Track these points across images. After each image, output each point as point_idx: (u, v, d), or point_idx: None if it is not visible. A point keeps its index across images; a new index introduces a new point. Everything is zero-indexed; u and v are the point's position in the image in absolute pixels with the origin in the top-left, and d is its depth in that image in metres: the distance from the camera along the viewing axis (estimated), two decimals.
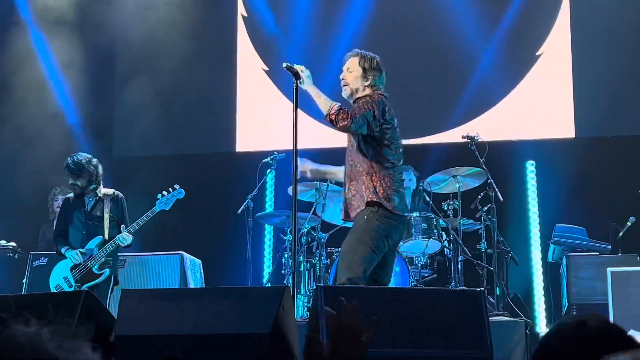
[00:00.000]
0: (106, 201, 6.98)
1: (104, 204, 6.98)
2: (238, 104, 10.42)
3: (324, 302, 4.01)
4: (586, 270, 7.80)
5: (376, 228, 5.26)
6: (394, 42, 10.17)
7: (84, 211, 6.99)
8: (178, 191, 7.10)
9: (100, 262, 6.79)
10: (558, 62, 9.78)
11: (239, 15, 10.57)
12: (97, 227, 6.92)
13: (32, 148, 9.58)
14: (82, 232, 6.93)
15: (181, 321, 3.88)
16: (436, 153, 9.49)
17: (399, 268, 7.56)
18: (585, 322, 1.99)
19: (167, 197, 7.02)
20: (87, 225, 6.95)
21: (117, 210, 7.01)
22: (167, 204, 7.02)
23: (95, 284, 6.75)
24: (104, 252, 6.78)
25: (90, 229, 6.94)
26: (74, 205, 7.05)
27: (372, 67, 5.56)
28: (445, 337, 3.97)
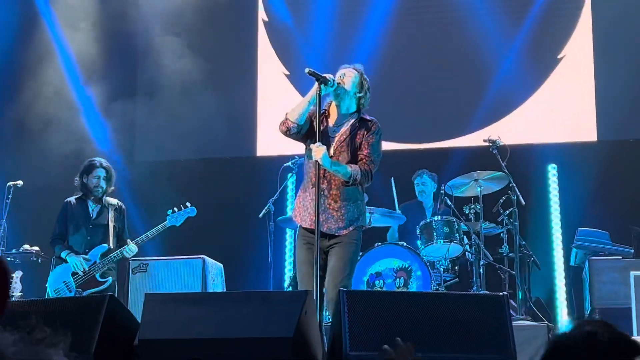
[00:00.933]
0: (110, 210, 7.04)
1: (108, 213, 7.02)
2: (259, 108, 10.45)
3: (347, 306, 4.02)
4: (609, 274, 7.75)
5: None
6: (416, 46, 10.18)
7: (88, 218, 7.03)
8: (190, 209, 7.16)
9: (104, 270, 6.84)
10: (580, 65, 9.74)
11: (260, 20, 10.60)
12: (101, 235, 6.96)
13: (54, 153, 9.64)
14: (86, 238, 6.98)
15: (204, 325, 3.89)
16: (458, 157, 9.48)
17: (420, 272, 7.57)
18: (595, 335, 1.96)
19: (178, 213, 7.09)
20: (92, 232, 7.00)
21: (120, 221, 7.07)
22: (177, 220, 7.07)
23: (97, 291, 6.78)
24: (107, 262, 6.82)
25: (94, 236, 6.98)
26: (78, 209, 7.08)
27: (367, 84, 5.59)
28: (469, 341, 3.96)
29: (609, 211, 9.06)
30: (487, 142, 8.11)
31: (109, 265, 6.84)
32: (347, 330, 3.94)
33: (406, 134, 9.96)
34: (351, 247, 5.38)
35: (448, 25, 10.10)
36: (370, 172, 5.40)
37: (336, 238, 5.36)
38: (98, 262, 6.82)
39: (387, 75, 9.82)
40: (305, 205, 5.41)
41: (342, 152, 5.41)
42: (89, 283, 6.81)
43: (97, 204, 7.08)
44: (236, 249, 9.67)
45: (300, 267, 5.36)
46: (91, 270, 6.81)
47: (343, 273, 5.26)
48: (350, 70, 5.54)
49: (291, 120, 5.39)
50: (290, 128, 5.40)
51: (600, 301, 7.69)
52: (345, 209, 5.38)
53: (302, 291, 4.09)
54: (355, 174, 5.30)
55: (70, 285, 6.83)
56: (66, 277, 6.88)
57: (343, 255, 5.33)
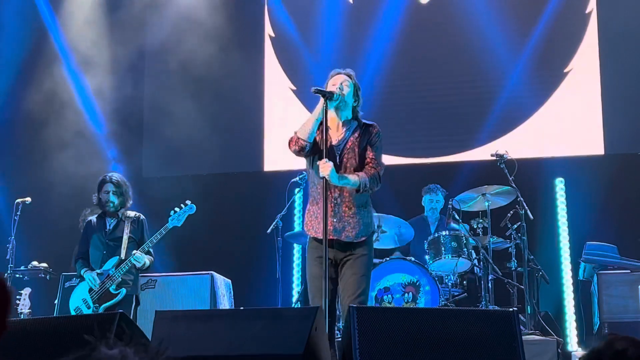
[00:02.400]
0: (127, 222, 7.05)
1: (124, 225, 7.04)
2: (266, 124, 10.47)
3: (356, 322, 4.02)
4: (617, 288, 7.74)
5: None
6: (422, 60, 10.20)
7: (105, 232, 7.05)
8: (189, 207, 7.13)
9: (117, 282, 6.83)
10: (586, 78, 9.75)
11: (267, 35, 10.64)
12: (117, 248, 6.98)
13: (62, 169, 9.67)
14: (102, 252, 6.99)
15: (215, 342, 3.90)
16: (465, 171, 9.48)
17: (429, 287, 7.56)
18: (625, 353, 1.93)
19: (178, 213, 7.06)
20: (108, 246, 7.01)
21: (137, 232, 7.07)
22: (179, 220, 7.06)
23: (112, 304, 6.78)
24: (120, 272, 6.82)
25: (110, 249, 6.99)
26: (96, 226, 7.11)
27: (360, 91, 5.60)
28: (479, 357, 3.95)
29: (617, 225, 9.05)
30: (494, 157, 8.11)
31: (121, 276, 6.82)
32: (357, 347, 3.94)
33: (413, 149, 9.97)
34: (365, 259, 5.32)
35: (455, 39, 10.12)
36: (378, 175, 5.38)
37: (350, 250, 5.31)
38: (111, 275, 6.82)
39: (394, 90, 9.85)
40: (317, 215, 5.37)
41: (350, 160, 5.40)
42: (104, 297, 6.82)
43: (114, 218, 7.10)
44: (244, 265, 9.67)
45: (314, 281, 5.29)
46: (105, 283, 6.82)
47: (359, 288, 5.21)
48: (346, 80, 5.53)
49: (303, 139, 5.40)
50: (303, 147, 5.41)
51: (609, 315, 7.67)
52: (359, 214, 5.36)
53: (312, 307, 4.09)
54: (364, 182, 5.29)
55: (88, 302, 6.84)
56: (84, 294, 6.90)
57: (358, 270, 5.27)
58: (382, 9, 10.30)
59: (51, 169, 9.75)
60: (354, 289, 5.20)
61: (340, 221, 5.29)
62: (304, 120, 5.48)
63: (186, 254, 8.82)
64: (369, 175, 5.32)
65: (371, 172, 5.35)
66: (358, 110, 5.55)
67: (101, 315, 4.95)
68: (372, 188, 5.37)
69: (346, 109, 5.48)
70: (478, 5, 10.03)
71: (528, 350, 6.29)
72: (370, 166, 5.38)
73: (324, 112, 5.32)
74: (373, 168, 5.37)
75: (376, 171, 5.37)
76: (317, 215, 5.37)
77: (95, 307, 6.78)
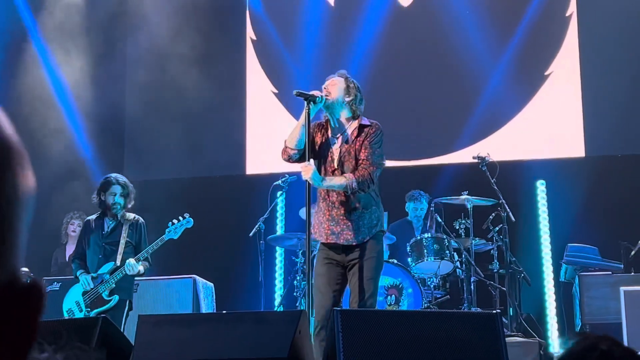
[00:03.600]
0: (125, 226, 6.99)
1: (122, 229, 6.98)
2: (248, 127, 10.46)
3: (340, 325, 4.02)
4: (599, 289, 7.76)
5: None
6: (404, 64, 10.22)
7: (102, 234, 6.99)
8: (187, 220, 7.09)
9: (111, 288, 6.78)
10: (567, 81, 9.80)
11: (248, 38, 10.63)
12: (113, 252, 6.92)
13: (41, 172, 9.61)
14: (98, 255, 6.92)
15: (198, 346, 3.89)
16: (447, 174, 9.51)
17: (411, 289, 7.57)
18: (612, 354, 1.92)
19: (176, 225, 7.02)
20: (105, 249, 6.94)
21: (135, 236, 7.01)
22: (175, 232, 7.02)
23: (104, 310, 6.73)
24: (114, 279, 6.77)
25: (107, 252, 6.92)
26: (94, 227, 7.04)
27: (355, 86, 5.55)
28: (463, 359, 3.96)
29: (598, 227, 9.09)
30: (476, 159, 8.13)
31: (115, 282, 6.77)
32: (341, 350, 3.94)
33: (395, 151, 9.96)
34: (372, 262, 5.26)
35: (436, 42, 10.15)
36: (368, 176, 5.26)
37: (355, 252, 5.25)
38: (105, 280, 6.77)
39: (375, 93, 9.84)
40: (320, 220, 5.32)
41: (345, 161, 5.34)
42: (96, 302, 6.77)
43: (113, 220, 7.03)
44: (227, 269, 9.65)
45: (318, 278, 5.25)
46: (98, 288, 6.77)
47: (367, 292, 5.18)
48: (335, 79, 5.50)
49: (291, 147, 5.36)
50: (291, 155, 5.37)
51: (591, 317, 7.69)
52: (360, 217, 5.30)
53: (296, 311, 4.09)
54: (350, 184, 5.19)
55: (81, 305, 6.80)
56: (78, 297, 6.85)
57: (366, 273, 5.23)
58: (364, 12, 10.32)
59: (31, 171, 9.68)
60: (360, 293, 5.17)
61: (337, 224, 5.26)
62: (292, 128, 5.44)
63: (168, 258, 8.76)
64: (357, 177, 5.23)
65: (361, 172, 5.26)
66: (357, 107, 5.47)
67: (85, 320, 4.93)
68: (363, 189, 5.27)
69: (338, 108, 5.42)
70: (459, 9, 10.06)
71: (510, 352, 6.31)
72: (361, 167, 5.30)
73: (307, 115, 5.30)
74: (364, 169, 5.28)
75: (367, 172, 5.27)
76: (319, 218, 5.33)
77: (87, 311, 6.73)
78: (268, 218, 8.40)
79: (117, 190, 7.02)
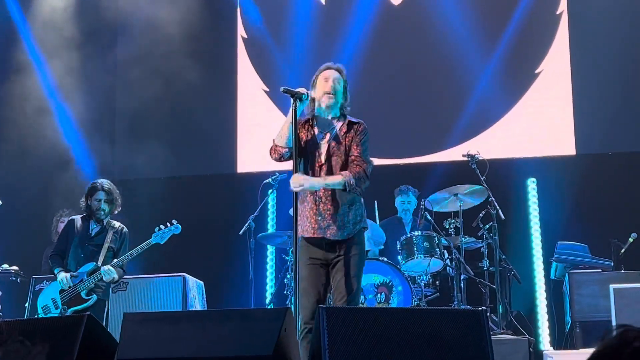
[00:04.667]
0: (110, 232, 7.03)
1: (107, 234, 7.02)
2: (239, 125, 10.45)
3: (326, 323, 4.01)
4: (589, 287, 7.78)
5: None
6: (394, 62, 10.22)
7: (87, 236, 7.02)
8: (175, 227, 7.12)
9: (89, 288, 6.80)
10: (557, 79, 9.82)
11: (239, 37, 10.63)
12: (95, 253, 6.95)
13: (31, 171, 9.60)
14: (80, 255, 6.96)
15: (184, 344, 3.88)
16: (437, 171, 9.51)
17: (401, 287, 7.57)
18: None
19: (163, 230, 7.05)
20: (87, 250, 6.98)
21: (118, 243, 7.05)
22: (162, 237, 7.04)
23: (81, 308, 6.74)
24: (93, 279, 6.80)
25: (89, 253, 6.96)
26: (80, 227, 7.07)
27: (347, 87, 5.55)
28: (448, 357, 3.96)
29: (588, 224, 9.11)
30: (466, 157, 8.13)
31: (93, 283, 6.79)
32: (327, 347, 3.93)
33: (385, 150, 9.98)
34: (355, 259, 5.26)
35: (427, 40, 10.15)
36: (364, 172, 5.27)
37: (338, 249, 5.25)
38: (84, 280, 6.79)
39: (366, 91, 9.85)
40: (306, 214, 5.28)
41: (334, 156, 5.32)
42: (74, 301, 6.79)
43: (98, 224, 7.08)
44: (217, 267, 9.65)
45: (302, 281, 5.19)
46: (77, 287, 6.78)
47: (351, 290, 5.17)
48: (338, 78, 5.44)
49: (280, 145, 5.33)
50: (282, 154, 5.34)
51: (581, 314, 7.71)
52: (345, 213, 5.29)
53: (282, 308, 4.08)
54: (348, 180, 5.19)
55: (57, 303, 6.80)
56: (54, 294, 6.86)
57: (349, 271, 5.22)
58: (355, 9, 10.32)
59: (20, 172, 9.67)
60: (344, 290, 5.16)
61: (324, 219, 5.23)
62: (280, 127, 5.40)
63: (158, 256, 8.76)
64: (354, 174, 5.23)
65: (356, 169, 5.25)
66: (346, 107, 5.47)
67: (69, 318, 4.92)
68: (360, 186, 5.28)
69: (335, 107, 5.41)
70: (450, 7, 10.07)
71: (500, 350, 6.32)
72: (355, 164, 5.28)
73: (294, 112, 5.27)
74: (358, 165, 5.27)
75: (362, 168, 5.26)
76: (305, 213, 5.28)
77: (63, 308, 6.74)
78: (258, 216, 8.40)
79: (101, 196, 7.07)
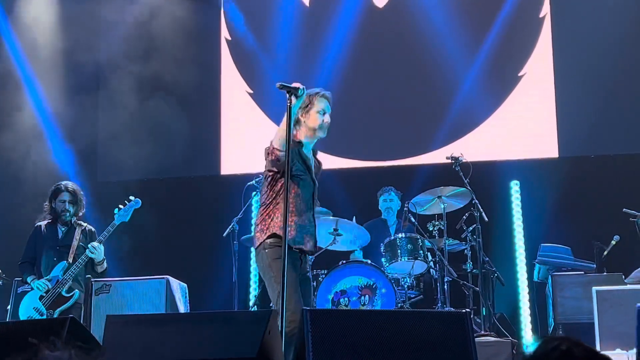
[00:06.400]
0: (77, 230, 7.04)
1: (74, 233, 7.01)
2: (222, 127, 10.43)
3: (310, 325, 4.01)
4: (572, 289, 7.80)
5: None
6: (378, 64, 10.23)
7: (57, 240, 7.00)
8: (135, 201, 7.17)
9: (68, 285, 6.79)
10: (540, 82, 9.85)
11: (223, 38, 10.61)
12: (66, 254, 6.93)
13: (14, 173, 9.54)
14: (52, 259, 6.95)
15: (167, 347, 3.86)
16: (421, 174, 9.53)
17: (385, 289, 7.58)
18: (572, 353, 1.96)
19: (124, 209, 7.09)
20: (59, 254, 6.97)
21: (87, 241, 7.04)
22: (126, 215, 7.08)
23: (66, 307, 6.73)
24: (69, 275, 6.79)
25: (60, 257, 6.95)
26: (47, 232, 7.07)
27: None
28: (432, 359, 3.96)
29: (571, 227, 9.14)
30: (449, 159, 8.15)
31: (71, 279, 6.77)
32: (311, 350, 3.93)
33: (369, 152, 10.01)
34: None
35: (411, 43, 10.17)
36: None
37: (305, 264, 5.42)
38: (61, 279, 6.77)
39: (349, 94, 9.86)
40: (307, 228, 5.34)
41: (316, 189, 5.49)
42: (57, 302, 6.76)
43: (65, 226, 7.07)
44: (200, 269, 9.63)
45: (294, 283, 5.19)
46: (56, 288, 6.75)
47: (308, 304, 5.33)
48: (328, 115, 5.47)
49: (278, 148, 5.26)
50: (279, 157, 5.25)
51: (564, 316, 7.73)
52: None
53: (266, 311, 4.08)
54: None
55: (41, 310, 6.76)
56: (35, 302, 6.81)
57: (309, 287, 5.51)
58: (339, 12, 10.32)
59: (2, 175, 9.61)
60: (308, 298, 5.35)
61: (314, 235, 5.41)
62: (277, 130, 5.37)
63: (141, 258, 8.76)
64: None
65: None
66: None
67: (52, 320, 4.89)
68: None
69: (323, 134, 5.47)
70: (433, 10, 10.09)
71: (483, 352, 6.33)
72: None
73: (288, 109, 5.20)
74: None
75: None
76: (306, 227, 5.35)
77: (49, 313, 6.70)
78: (242, 218, 8.38)
79: (65, 197, 7.08)
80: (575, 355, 1.98)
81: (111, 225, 6.96)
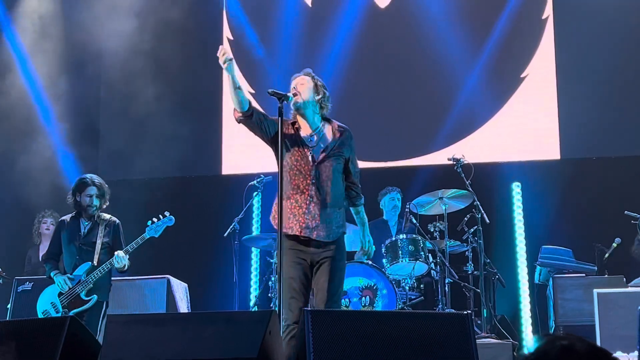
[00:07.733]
0: (101, 226, 6.91)
1: (99, 229, 6.90)
2: (224, 127, 10.42)
3: (311, 325, 4.00)
4: (573, 291, 7.79)
5: None
6: (380, 65, 10.23)
7: (79, 235, 6.90)
8: (168, 218, 7.01)
9: (88, 288, 6.71)
10: (542, 84, 9.84)
11: (225, 38, 10.60)
12: (90, 253, 6.83)
13: (14, 171, 9.53)
14: (75, 257, 6.83)
15: (167, 347, 3.85)
16: (422, 175, 9.52)
17: (386, 290, 7.56)
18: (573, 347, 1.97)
19: (157, 224, 6.93)
20: (81, 251, 6.85)
21: (111, 237, 6.92)
22: (156, 231, 6.93)
23: (82, 310, 6.66)
24: (92, 278, 6.69)
25: (84, 254, 6.83)
26: (71, 228, 6.94)
27: (322, 84, 5.59)
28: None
29: (572, 229, 9.14)
30: (451, 161, 8.14)
31: (93, 282, 6.69)
32: (312, 350, 3.92)
33: (371, 153, 9.99)
34: (340, 263, 5.29)
35: (413, 44, 10.16)
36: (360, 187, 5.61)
37: (324, 251, 5.24)
38: (83, 280, 6.69)
39: (351, 94, 9.86)
40: (294, 212, 5.25)
41: (329, 159, 5.36)
42: (74, 302, 6.69)
43: (89, 220, 6.95)
44: (201, 269, 9.62)
45: (291, 281, 5.16)
46: (75, 289, 6.69)
47: (334, 294, 5.19)
48: (302, 78, 5.52)
49: (237, 110, 5.50)
50: (237, 119, 5.55)
51: (565, 318, 7.72)
52: (333, 215, 5.30)
53: (267, 311, 4.07)
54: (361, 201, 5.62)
55: (57, 306, 6.71)
56: (53, 298, 6.76)
57: (334, 274, 5.24)
58: (341, 13, 10.32)
59: (4, 172, 9.61)
60: (327, 293, 5.16)
61: (314, 219, 5.23)
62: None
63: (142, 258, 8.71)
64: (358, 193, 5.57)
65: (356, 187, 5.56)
66: (326, 105, 5.52)
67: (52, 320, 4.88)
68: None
69: (310, 108, 5.44)
70: (436, 11, 10.08)
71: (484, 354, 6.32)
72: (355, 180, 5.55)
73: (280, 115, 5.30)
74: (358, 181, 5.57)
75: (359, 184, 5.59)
76: (293, 210, 5.25)
77: (64, 311, 6.64)
78: (243, 218, 8.37)
79: (92, 191, 6.95)
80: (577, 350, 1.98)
81: (140, 238, 6.82)
